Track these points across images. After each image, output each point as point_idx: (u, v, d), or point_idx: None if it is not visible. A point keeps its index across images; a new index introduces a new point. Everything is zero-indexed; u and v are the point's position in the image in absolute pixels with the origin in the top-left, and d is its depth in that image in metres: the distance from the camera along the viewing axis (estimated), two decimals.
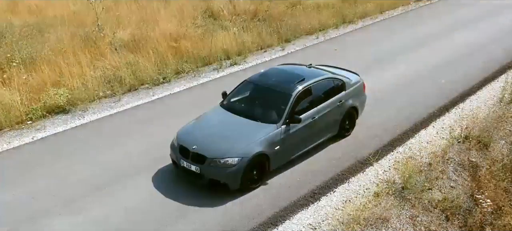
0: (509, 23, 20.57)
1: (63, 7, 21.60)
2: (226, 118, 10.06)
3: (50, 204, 9.03)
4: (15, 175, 9.97)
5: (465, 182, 10.79)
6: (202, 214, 8.79)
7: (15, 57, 14.47)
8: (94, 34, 17.00)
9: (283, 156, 9.82)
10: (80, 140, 11.46)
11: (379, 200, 9.63)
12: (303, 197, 9.44)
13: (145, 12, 20.40)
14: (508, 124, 12.86)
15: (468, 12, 22.61)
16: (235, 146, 9.15)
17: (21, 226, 8.48)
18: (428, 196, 10.05)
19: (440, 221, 9.78)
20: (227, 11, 20.86)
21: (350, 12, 21.57)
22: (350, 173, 10.28)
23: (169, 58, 15.91)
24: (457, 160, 11.23)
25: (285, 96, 9.99)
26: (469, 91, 14.18)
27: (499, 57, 16.64)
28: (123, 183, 9.68)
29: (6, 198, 9.22)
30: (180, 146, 9.48)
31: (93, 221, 8.59)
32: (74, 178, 9.84)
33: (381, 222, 9.21)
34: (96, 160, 10.51)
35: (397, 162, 10.70)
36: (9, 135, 11.79)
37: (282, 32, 18.79)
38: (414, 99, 13.47)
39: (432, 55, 16.87)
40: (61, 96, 13.09)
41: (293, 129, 9.85)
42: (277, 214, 8.93)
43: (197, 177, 9.25)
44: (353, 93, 11.35)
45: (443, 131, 12.10)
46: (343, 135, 11.38)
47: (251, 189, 9.41)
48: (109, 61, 15.40)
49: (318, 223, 8.91)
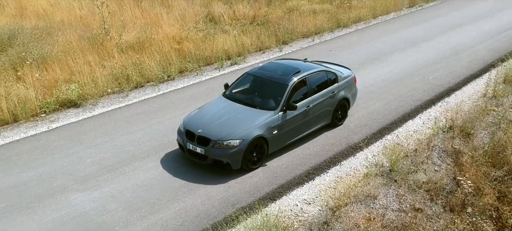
0: (495, 26, 21.57)
1: (69, 11, 22.48)
2: (228, 105, 10.99)
3: (68, 182, 9.91)
4: (34, 158, 10.86)
5: (448, 167, 11.69)
6: (207, 190, 9.68)
7: (28, 57, 15.36)
8: (101, 36, 17.90)
9: (280, 140, 10.73)
10: (92, 129, 12.34)
11: (368, 180, 10.52)
12: (298, 176, 10.34)
13: (148, 17, 21.32)
14: (490, 117, 13.76)
15: (457, 16, 23.61)
16: (236, 130, 10.08)
17: (43, 200, 9.35)
18: (414, 178, 10.95)
19: (425, 200, 10.67)
20: (227, 16, 21.80)
21: (344, 17, 22.54)
22: (342, 157, 11.19)
23: (173, 58, 16.82)
24: (441, 147, 12.13)
25: (282, 86, 10.93)
26: (454, 87, 15.10)
27: (485, 57, 17.59)
28: (133, 164, 10.57)
29: (27, 177, 10.10)
30: (186, 131, 10.39)
31: (108, 195, 9.47)
32: (88, 161, 10.73)
33: (370, 199, 10.11)
34: (107, 146, 11.40)
35: (385, 148, 11.57)
36: (25, 126, 12.66)
37: (280, 35, 19.74)
38: (402, 94, 14.40)
39: (421, 55, 17.85)
40: (73, 91, 13.98)
41: (290, 115, 10.77)
42: (275, 190, 9.83)
43: (202, 158, 10.16)
44: (345, 86, 12.29)
45: (429, 122, 13.00)
46: (336, 124, 12.29)
47: (251, 169, 10.32)
48: (116, 61, 16.30)
49: (312, 198, 9.80)
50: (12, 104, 13.08)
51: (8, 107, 12.97)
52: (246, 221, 8.68)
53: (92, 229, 8.55)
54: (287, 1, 24.76)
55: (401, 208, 10.25)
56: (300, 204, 9.61)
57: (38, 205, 9.21)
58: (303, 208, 9.55)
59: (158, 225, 8.69)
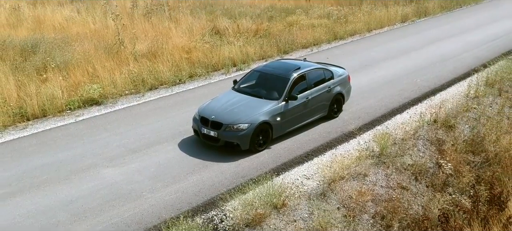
0: (480, 38, 23.27)
1: (84, 26, 24.17)
2: (237, 96, 12.57)
3: (98, 161, 11.40)
4: (65, 143, 12.37)
5: (431, 153, 13.19)
6: (220, 166, 11.18)
7: (51, 62, 16.94)
8: (116, 46, 19.51)
9: (283, 127, 12.26)
10: (115, 120, 13.87)
11: (360, 162, 12.00)
12: (299, 156, 11.85)
13: (158, 30, 22.98)
14: (471, 113, 15.31)
15: (446, 29, 25.32)
16: (245, 115, 11.63)
17: (78, 174, 10.83)
18: (401, 161, 12.45)
19: (410, 179, 12.16)
20: (231, 29, 23.47)
21: (341, 30, 24.24)
22: (337, 142, 12.71)
23: (183, 65, 18.40)
24: (426, 137, 13.66)
25: (284, 80, 12.51)
26: (440, 88, 16.67)
27: (469, 63, 19.19)
28: (154, 147, 12.07)
29: (62, 157, 11.60)
30: (201, 117, 11.94)
31: (134, 170, 10.96)
32: (114, 145, 12.23)
33: (361, 177, 11.60)
34: (130, 133, 12.91)
35: (375, 136, 13.06)
36: (54, 119, 14.16)
37: (281, 45, 21.37)
38: (392, 93, 15.96)
39: (410, 62, 19.47)
40: (95, 91, 15.51)
41: (291, 105, 12.32)
42: (278, 167, 11.31)
43: (215, 140, 11.68)
44: (340, 82, 13.86)
45: (415, 116, 14.51)
46: (332, 116, 13.83)
47: (257, 151, 11.82)
48: (132, 67, 17.88)
49: (311, 174, 11.28)
50: (41, 101, 14.56)
51: (38, 104, 14.46)
52: (255, 189, 10.11)
53: (123, 194, 10.02)
54: (288, 17, 26.56)
55: (389, 185, 11.73)
56: (301, 179, 11.08)
57: (74, 177, 10.69)
58: (303, 181, 11.01)
59: (179, 191, 10.16)
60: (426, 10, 29.62)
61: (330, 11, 27.68)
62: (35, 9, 28.38)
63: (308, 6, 29.44)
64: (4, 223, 9.10)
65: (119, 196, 9.95)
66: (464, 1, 32.88)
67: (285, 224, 9.72)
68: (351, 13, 27.41)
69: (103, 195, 10.00)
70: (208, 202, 9.89)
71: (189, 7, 28.51)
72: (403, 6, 29.66)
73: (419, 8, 29.62)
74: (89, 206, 9.64)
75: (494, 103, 16.09)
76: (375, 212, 10.80)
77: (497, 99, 16.32)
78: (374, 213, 10.79)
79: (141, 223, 9.12)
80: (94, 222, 9.14)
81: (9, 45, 19.49)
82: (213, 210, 9.70)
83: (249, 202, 9.77)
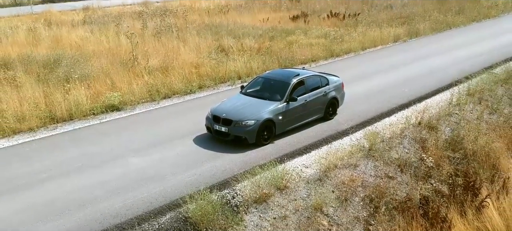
0: (465, 54, 25.24)
1: (98, 44, 26.14)
2: (244, 98, 14.43)
3: (124, 152, 13.17)
4: (94, 139, 14.17)
5: (415, 149, 14.94)
6: (230, 156, 12.94)
7: (73, 74, 18.80)
8: (131, 62, 21.41)
9: (284, 125, 14.05)
10: (135, 122, 15.68)
11: (352, 155, 13.74)
12: (299, 149, 13.61)
13: (167, 48, 24.92)
14: (453, 117, 17.10)
15: (436, 47, 27.28)
16: (251, 113, 13.45)
17: (109, 162, 12.60)
18: (388, 155, 14.17)
19: (396, 171, 13.87)
20: (235, 47, 25.43)
21: (337, 48, 26.22)
22: (332, 139, 14.47)
23: (193, 77, 20.27)
24: (411, 136, 15.42)
25: (286, 84, 14.37)
26: (425, 96, 18.49)
27: (454, 76, 21.04)
28: (172, 142, 13.85)
29: (93, 150, 13.37)
30: (213, 116, 13.76)
31: (157, 159, 12.73)
32: (137, 140, 14.01)
33: (353, 167, 13.33)
34: (150, 132, 14.71)
35: (366, 135, 14.82)
36: (81, 122, 15.95)
37: (281, 61, 23.27)
38: (382, 100, 17.78)
39: (400, 75, 21.36)
40: (115, 98, 17.33)
41: (292, 106, 14.14)
42: (281, 157, 13.06)
43: (226, 135, 13.48)
44: (335, 88, 15.71)
45: (402, 119, 16.28)
46: (328, 118, 15.63)
47: (262, 144, 13.59)
48: (147, 79, 19.75)
49: (309, 164, 13.03)
50: (68, 106, 16.36)
51: (66, 108, 16.26)
52: (261, 174, 11.85)
53: (149, 177, 11.77)
54: (288, 37, 28.57)
55: (377, 175, 13.45)
56: (300, 167, 12.82)
57: (105, 165, 12.45)
58: (302, 169, 12.76)
59: (196, 174, 11.92)
60: (417, 31, 31.66)
61: (327, 31, 29.74)
62: (51, 30, 30.44)
63: (307, 28, 31.51)
64: (51, 197, 10.83)
65: (146, 178, 11.70)
66: (453, 24, 34.96)
67: (287, 202, 11.44)
68: (347, 33, 29.43)
69: (132, 177, 11.75)
70: (221, 182, 11.62)
71: (195, 28, 30.57)
72: (395, 27, 31.74)
73: (410, 29, 31.68)
74: (121, 185, 11.38)
75: (474, 110, 17.87)
76: (365, 195, 12.50)
77: (477, 107, 18.11)
78: (364, 196, 12.49)
79: (166, 197, 10.86)
80: (127, 196, 10.87)
81: (32, 60, 21.42)
82: (226, 189, 11.42)
83: (256, 184, 11.49)
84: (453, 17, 36.52)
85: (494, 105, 18.48)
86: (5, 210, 10.38)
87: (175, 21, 31.71)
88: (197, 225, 10.02)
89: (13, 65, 20.62)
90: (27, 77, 18.91)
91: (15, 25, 32.31)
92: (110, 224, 9.89)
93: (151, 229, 9.82)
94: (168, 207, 10.57)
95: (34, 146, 13.83)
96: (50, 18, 35.08)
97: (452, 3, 42.29)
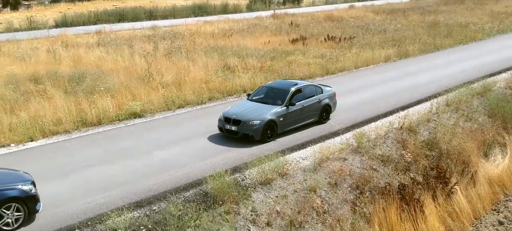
0: (450, 72, 27.91)
1: (115, 63, 28.78)
2: (251, 103, 17.07)
3: (149, 148, 15.70)
4: (123, 138, 16.71)
5: (397, 148, 17.44)
6: (239, 150, 15.49)
7: (98, 87, 21.41)
8: (146, 77, 24.06)
9: (285, 125, 16.64)
10: (156, 125, 18.23)
11: (342, 151, 16.26)
12: (297, 145, 16.16)
13: (178, 66, 27.56)
14: (431, 123, 19.64)
15: (423, 66, 29.90)
16: (257, 115, 16.05)
17: (139, 155, 15.12)
18: (373, 152, 16.66)
19: (379, 164, 16.35)
20: (240, 66, 28.10)
21: (332, 66, 28.91)
22: (325, 138, 17.01)
23: (204, 90, 22.89)
24: (393, 137, 17.95)
25: (286, 92, 17.01)
26: (408, 106, 21.06)
27: (435, 89, 23.65)
28: (190, 140, 16.39)
29: (124, 146, 15.91)
30: (225, 117, 16.37)
31: (177, 153, 15.27)
32: (159, 139, 16.55)
33: (342, 160, 15.82)
34: (171, 133, 17.25)
35: (354, 135, 17.34)
36: (109, 126, 18.50)
37: (282, 77, 25.88)
38: (370, 108, 20.36)
39: (388, 89, 23.99)
40: (137, 106, 19.91)
41: (291, 110, 16.74)
42: (282, 151, 15.56)
43: (235, 134, 16.07)
44: (328, 96, 18.34)
45: (386, 123, 18.80)
46: (322, 122, 18.20)
47: (266, 141, 16.15)
48: (162, 92, 22.36)
49: (305, 156, 15.54)
50: (97, 113, 18.93)
51: (95, 114, 18.83)
52: (265, 163, 14.35)
53: (173, 165, 14.28)
54: (287, 57, 31.27)
55: (363, 167, 15.93)
56: (298, 159, 15.34)
57: (135, 157, 14.98)
58: (300, 161, 15.27)
59: (211, 163, 14.44)
60: (406, 52, 34.41)
61: (324, 52, 32.47)
62: (68, 51, 33.18)
63: (305, 49, 34.26)
64: (94, 179, 13.35)
65: (170, 166, 14.22)
66: (441, 46, 37.72)
67: (287, 185, 13.93)
68: (342, 54, 32.14)
69: (159, 165, 14.28)
70: (232, 169, 14.11)
71: (202, 50, 33.32)
72: (387, 49, 34.47)
73: (400, 51, 34.44)
74: (150, 171, 13.89)
75: (451, 117, 20.42)
76: (352, 182, 14.97)
77: (454, 115, 20.67)
78: (351, 183, 14.96)
79: (189, 179, 13.38)
80: (157, 177, 13.40)
81: (59, 76, 24.07)
82: (237, 173, 13.92)
83: (262, 170, 13.99)
84: (441, 40, 39.34)
85: (470, 114, 21.02)
86: (59, 188, 12.88)
87: (183, 43, 34.51)
88: (215, 197, 12.50)
89: (42, 80, 23.22)
90: (55, 90, 21.48)
91: (35, 46, 35.08)
92: (146, 196, 12.41)
93: (180, 199, 12.30)
94: (190, 185, 13.09)
95: (73, 142, 16.40)
96: (66, 41, 37.88)
97: (442, 28, 45.24)
